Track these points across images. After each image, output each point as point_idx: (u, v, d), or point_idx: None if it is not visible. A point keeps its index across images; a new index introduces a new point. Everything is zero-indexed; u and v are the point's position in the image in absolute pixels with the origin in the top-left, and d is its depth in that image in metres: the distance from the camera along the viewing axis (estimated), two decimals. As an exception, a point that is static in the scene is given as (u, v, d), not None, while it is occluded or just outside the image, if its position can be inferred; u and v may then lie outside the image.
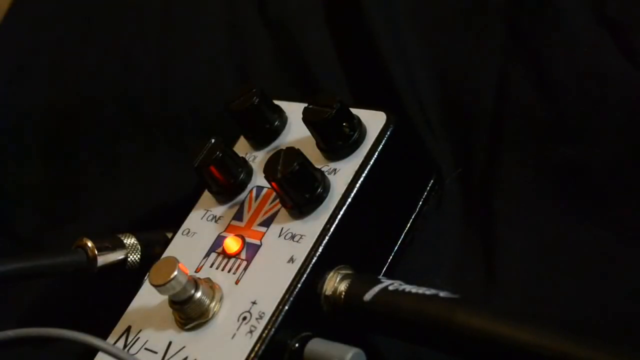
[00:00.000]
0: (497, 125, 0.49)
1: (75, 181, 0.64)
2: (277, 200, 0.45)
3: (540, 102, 0.47)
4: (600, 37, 0.46)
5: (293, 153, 0.43)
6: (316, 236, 0.42)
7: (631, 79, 0.45)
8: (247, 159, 0.48)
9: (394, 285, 0.39)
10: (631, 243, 0.43)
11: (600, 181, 0.45)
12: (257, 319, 0.41)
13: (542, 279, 0.44)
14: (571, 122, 0.46)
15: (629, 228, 0.43)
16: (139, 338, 0.44)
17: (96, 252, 0.45)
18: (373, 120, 0.45)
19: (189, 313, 0.42)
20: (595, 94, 0.46)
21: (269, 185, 0.45)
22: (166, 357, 0.42)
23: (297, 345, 0.40)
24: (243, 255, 0.44)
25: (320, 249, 0.42)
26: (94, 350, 0.43)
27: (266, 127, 0.48)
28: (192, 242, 0.47)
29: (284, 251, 0.43)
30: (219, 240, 0.46)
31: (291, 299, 0.41)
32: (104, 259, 0.46)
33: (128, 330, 0.45)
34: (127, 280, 0.47)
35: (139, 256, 0.48)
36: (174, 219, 0.49)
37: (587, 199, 0.45)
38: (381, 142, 0.44)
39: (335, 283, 0.41)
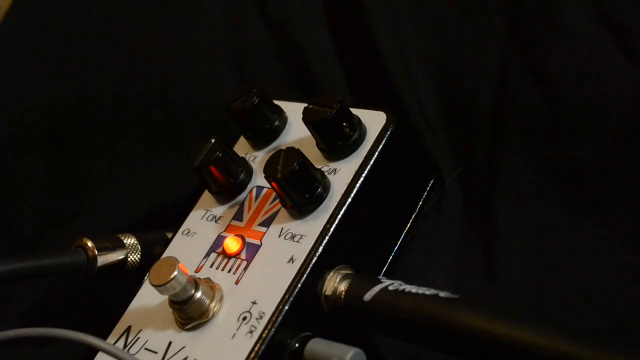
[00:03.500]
0: (497, 125, 0.49)
1: (75, 181, 0.64)
2: (277, 200, 0.45)
3: (540, 102, 0.47)
4: (600, 37, 0.46)
5: (293, 153, 0.43)
6: (316, 236, 0.42)
7: (631, 79, 0.45)
8: (247, 159, 0.48)
9: (394, 285, 0.39)
10: (631, 243, 0.43)
11: (600, 181, 0.45)
12: (257, 319, 0.41)
13: (541, 279, 0.44)
14: (571, 122, 0.46)
15: (629, 228, 0.43)
16: (139, 338, 0.44)
17: (96, 252, 0.45)
18: (373, 121, 0.45)
19: (189, 313, 0.42)
20: (595, 94, 0.46)
21: (269, 185, 0.45)
22: (166, 357, 0.42)
23: (297, 345, 0.40)
24: (243, 255, 0.44)
25: (320, 249, 0.42)
26: (94, 350, 0.43)
27: (266, 127, 0.48)
28: (192, 242, 0.47)
29: (284, 251, 0.43)
30: (219, 240, 0.46)
31: (291, 299, 0.41)
32: (104, 259, 0.46)
33: (128, 330, 0.45)
34: (127, 280, 0.47)
35: (139, 256, 0.48)
36: (174, 219, 0.49)
37: (587, 199, 0.45)
38: (381, 142, 0.44)
39: (336, 283, 0.41)
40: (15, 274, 0.43)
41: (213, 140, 0.46)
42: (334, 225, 0.42)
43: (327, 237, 0.42)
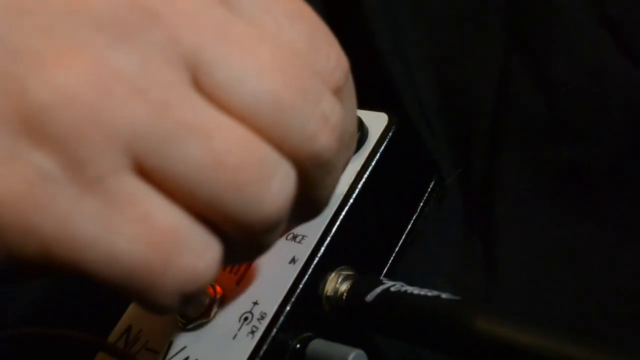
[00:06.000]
0: (497, 125, 0.49)
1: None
2: (279, 201, 0.45)
3: (540, 102, 0.47)
4: (600, 37, 0.46)
5: (294, 153, 0.42)
6: (318, 237, 0.42)
7: (631, 79, 0.45)
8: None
9: (395, 286, 0.39)
10: (631, 243, 0.43)
11: (600, 181, 0.45)
12: (258, 319, 0.41)
13: (542, 279, 0.44)
14: (571, 122, 0.46)
15: (629, 228, 0.43)
16: (139, 338, 0.44)
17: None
18: (375, 121, 0.45)
19: (189, 313, 0.42)
20: (595, 94, 0.46)
21: (270, 186, 0.45)
22: (167, 357, 0.42)
23: (298, 346, 0.40)
24: (244, 256, 0.44)
25: (322, 250, 0.42)
26: (94, 350, 0.43)
27: (267, 128, 0.48)
28: (192, 242, 0.47)
29: (285, 252, 0.42)
30: (220, 241, 0.45)
31: (293, 299, 0.40)
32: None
33: (128, 330, 0.45)
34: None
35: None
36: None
37: (587, 199, 0.45)
38: (383, 143, 0.44)
39: (337, 284, 0.41)
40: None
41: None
42: (335, 226, 0.42)
43: (329, 238, 0.42)
